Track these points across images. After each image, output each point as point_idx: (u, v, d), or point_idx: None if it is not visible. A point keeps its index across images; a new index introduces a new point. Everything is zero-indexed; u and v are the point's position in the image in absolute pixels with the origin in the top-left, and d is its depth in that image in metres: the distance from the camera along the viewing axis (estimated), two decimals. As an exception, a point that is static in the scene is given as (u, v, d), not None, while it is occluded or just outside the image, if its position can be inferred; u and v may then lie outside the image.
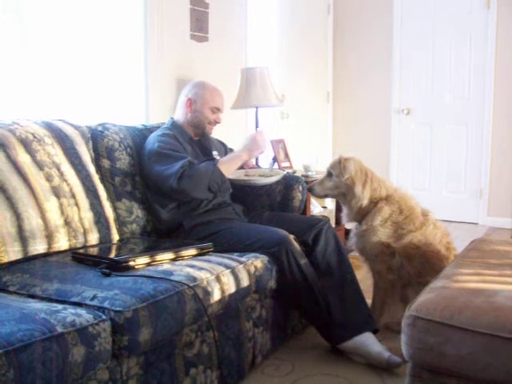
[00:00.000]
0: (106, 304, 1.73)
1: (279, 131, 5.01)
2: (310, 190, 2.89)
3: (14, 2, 2.80)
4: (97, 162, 2.66)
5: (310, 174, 4.15)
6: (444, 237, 2.75)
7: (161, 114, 3.62)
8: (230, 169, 2.72)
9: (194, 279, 2.00)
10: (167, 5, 3.71)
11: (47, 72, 3.00)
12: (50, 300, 1.79)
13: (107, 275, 1.95)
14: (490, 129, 5.55)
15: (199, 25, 4.04)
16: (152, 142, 2.74)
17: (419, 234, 2.68)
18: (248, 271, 2.28)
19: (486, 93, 5.54)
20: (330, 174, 2.81)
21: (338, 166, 2.76)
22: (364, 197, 2.72)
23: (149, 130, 2.99)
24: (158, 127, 2.98)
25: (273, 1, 5.05)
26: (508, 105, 5.45)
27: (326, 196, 2.92)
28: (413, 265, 2.67)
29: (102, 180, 2.64)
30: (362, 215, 2.77)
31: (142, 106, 3.62)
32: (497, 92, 5.49)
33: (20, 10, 2.83)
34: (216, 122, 2.97)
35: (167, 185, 2.60)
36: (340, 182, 2.76)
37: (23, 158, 2.23)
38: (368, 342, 2.47)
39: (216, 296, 2.05)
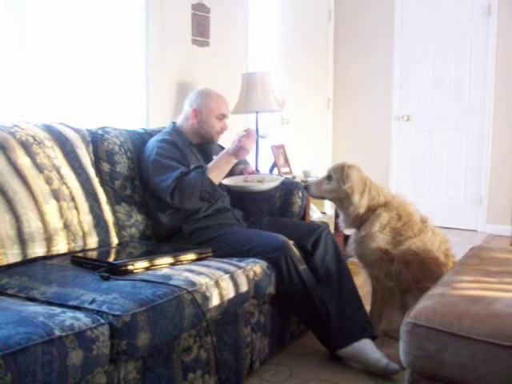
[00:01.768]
0: (104, 308, 1.73)
1: (279, 136, 5.01)
2: (306, 189, 2.89)
3: (15, 5, 2.81)
4: (97, 165, 2.67)
5: (309, 179, 4.15)
6: (443, 243, 2.75)
7: (161, 118, 3.62)
8: (220, 175, 2.68)
9: (193, 284, 1.99)
10: (169, 9, 3.72)
11: (48, 75, 3.01)
12: (48, 303, 1.79)
13: (106, 279, 1.95)
14: (490, 136, 5.56)
15: (200, 29, 4.05)
16: (151, 147, 2.74)
17: (418, 240, 2.68)
18: (247, 276, 2.28)
19: (487, 99, 5.56)
20: (329, 177, 2.80)
21: (341, 172, 2.75)
22: (361, 205, 2.72)
23: (149, 134, 2.99)
24: (159, 131, 2.98)
25: (274, 6, 5.07)
26: (508, 112, 5.46)
27: (321, 197, 2.92)
28: (411, 271, 2.67)
29: (102, 183, 2.64)
30: (360, 222, 2.77)
31: (143, 109, 3.63)
32: (497, 99, 5.50)
33: (21, 12, 2.83)
34: (223, 130, 2.96)
35: (162, 198, 2.62)
36: (339, 187, 2.76)
37: (23, 160, 2.23)
38: (366, 348, 2.46)
39: (215, 301, 2.05)
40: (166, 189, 2.58)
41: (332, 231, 3.01)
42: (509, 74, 5.42)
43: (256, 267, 2.37)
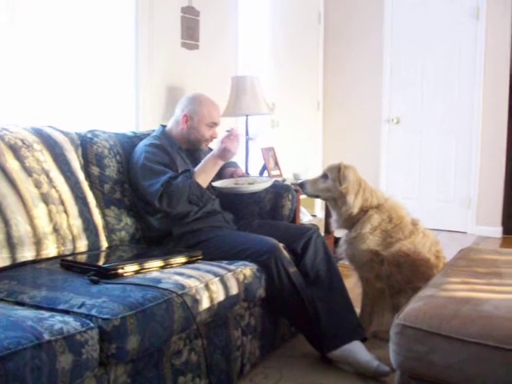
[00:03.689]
0: (93, 312, 1.72)
1: (269, 139, 5.02)
2: (301, 187, 2.88)
3: (5, 8, 2.80)
4: (86, 168, 2.66)
5: (300, 182, 4.15)
6: (434, 245, 2.76)
7: (151, 121, 3.62)
8: (207, 178, 2.67)
9: (183, 287, 1.99)
10: (158, 12, 3.72)
11: (37, 78, 3.00)
12: (37, 307, 1.78)
13: (95, 283, 1.94)
14: (479, 138, 5.59)
15: (190, 32, 4.05)
16: (139, 152, 2.73)
17: (408, 242, 2.69)
18: (237, 279, 2.27)
19: (475, 102, 5.59)
20: (325, 176, 2.81)
21: (337, 172, 2.76)
22: (355, 206, 2.73)
23: (138, 137, 2.98)
24: (148, 134, 2.97)
25: (264, 9, 5.08)
26: (496, 114, 5.49)
27: (315, 196, 2.92)
28: (402, 272, 2.68)
29: (91, 187, 2.63)
30: (351, 223, 2.78)
31: (132, 113, 3.62)
32: (485, 101, 5.53)
33: (12, 16, 2.83)
34: (212, 138, 2.95)
35: (151, 202, 2.62)
36: (334, 187, 2.76)
37: (12, 164, 2.22)
38: (357, 350, 2.46)
39: (205, 304, 2.05)
40: (154, 193, 2.57)
41: (322, 234, 3.01)
42: (497, 76, 5.46)
43: (246, 270, 2.37)
